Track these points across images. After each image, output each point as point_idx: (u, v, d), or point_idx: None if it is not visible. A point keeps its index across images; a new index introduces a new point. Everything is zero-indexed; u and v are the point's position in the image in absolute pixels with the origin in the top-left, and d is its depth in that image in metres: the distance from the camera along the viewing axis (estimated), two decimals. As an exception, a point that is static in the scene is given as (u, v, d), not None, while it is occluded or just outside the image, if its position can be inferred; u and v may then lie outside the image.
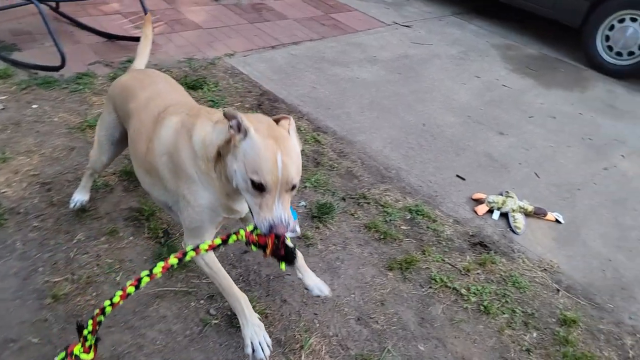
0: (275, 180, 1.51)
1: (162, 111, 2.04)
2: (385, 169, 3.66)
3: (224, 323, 2.29)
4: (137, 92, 2.25)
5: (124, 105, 2.30)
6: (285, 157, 1.53)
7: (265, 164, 1.52)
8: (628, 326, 2.75)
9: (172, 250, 2.53)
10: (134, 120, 2.18)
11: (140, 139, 2.08)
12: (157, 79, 2.39)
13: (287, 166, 1.53)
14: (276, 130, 1.60)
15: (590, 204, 3.57)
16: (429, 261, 2.92)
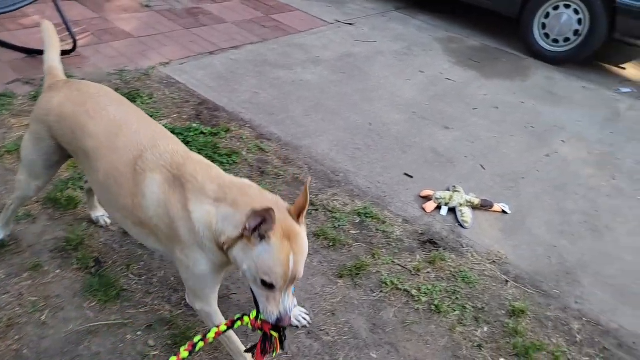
0: (284, 280, 1.55)
1: (137, 157, 1.83)
2: (333, 173, 3.65)
3: (164, 354, 2.19)
4: (87, 125, 1.95)
5: (72, 141, 2.02)
6: (297, 256, 1.55)
7: (278, 268, 1.53)
8: (574, 310, 2.85)
9: (104, 281, 2.41)
10: (102, 163, 1.91)
11: (121, 190, 1.86)
12: (103, 101, 2.06)
13: (298, 265, 1.57)
14: (290, 226, 1.56)
15: (534, 192, 3.69)
16: (379, 264, 2.92)
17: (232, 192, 1.65)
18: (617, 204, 3.62)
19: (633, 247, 3.28)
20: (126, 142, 1.88)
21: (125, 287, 2.46)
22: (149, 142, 1.88)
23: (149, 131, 1.97)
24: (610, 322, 2.81)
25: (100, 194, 2.10)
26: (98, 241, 2.66)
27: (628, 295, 2.97)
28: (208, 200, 1.65)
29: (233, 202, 1.61)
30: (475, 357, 2.49)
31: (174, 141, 1.97)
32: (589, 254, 3.21)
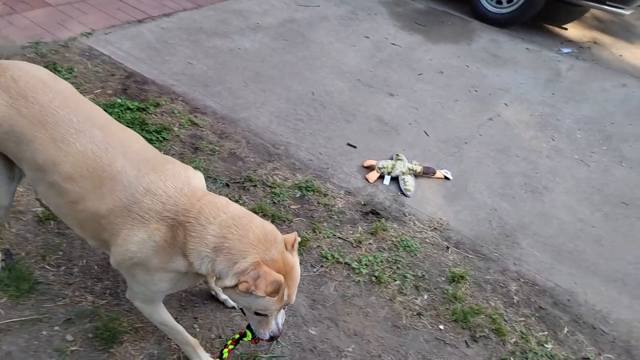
0: (278, 309, 1.63)
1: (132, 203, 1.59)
2: (273, 146, 3.53)
3: (84, 348, 2.08)
4: (60, 163, 1.62)
5: (16, 153, 1.72)
6: (290, 289, 1.59)
7: (272, 307, 1.59)
8: (513, 272, 2.93)
9: (16, 274, 2.24)
10: (80, 204, 1.66)
11: (100, 227, 1.66)
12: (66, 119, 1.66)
13: (291, 296, 1.62)
14: (284, 261, 1.57)
15: (477, 156, 3.73)
16: (320, 239, 2.88)
17: (232, 235, 1.53)
18: (555, 164, 3.71)
19: (569, 206, 3.38)
20: (112, 187, 1.62)
21: (41, 280, 2.30)
22: (140, 183, 1.62)
23: (134, 165, 1.66)
24: (547, 281, 2.91)
25: (73, 225, 1.81)
26: (9, 231, 2.46)
27: (564, 253, 3.07)
28: (207, 250, 1.55)
29: (230, 253, 1.52)
30: (415, 325, 2.52)
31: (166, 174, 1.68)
32: (528, 216, 3.29)
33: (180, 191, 1.64)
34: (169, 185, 1.65)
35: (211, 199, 1.66)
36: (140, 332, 2.20)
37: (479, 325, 2.56)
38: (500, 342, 2.51)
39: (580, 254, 3.08)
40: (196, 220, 1.57)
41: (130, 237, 1.60)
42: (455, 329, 2.54)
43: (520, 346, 2.50)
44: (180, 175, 1.70)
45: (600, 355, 2.53)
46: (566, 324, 2.67)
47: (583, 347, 2.56)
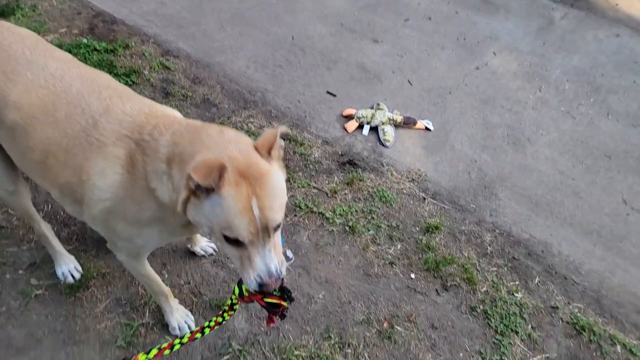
0: (254, 232, 1.28)
1: (90, 126, 1.50)
2: (249, 93, 3.46)
3: (49, 292, 2.11)
4: (8, 94, 1.55)
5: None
6: (262, 199, 1.27)
7: (237, 220, 1.26)
8: (488, 223, 2.98)
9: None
10: (37, 139, 1.56)
11: (65, 168, 1.55)
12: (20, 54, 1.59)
13: (266, 211, 1.28)
14: (250, 166, 1.28)
15: (460, 107, 3.69)
16: (294, 188, 2.88)
17: (183, 140, 1.38)
18: (540, 116, 3.69)
19: (551, 159, 3.40)
20: (69, 111, 1.52)
21: (4, 224, 2.30)
22: (99, 105, 1.53)
23: (94, 89, 1.58)
24: (522, 232, 2.97)
25: (32, 172, 1.72)
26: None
27: (541, 205, 3.12)
28: (162, 165, 1.40)
29: (181, 159, 1.35)
30: (386, 274, 2.57)
31: (130, 97, 1.61)
32: (508, 167, 3.31)
33: (140, 110, 1.53)
34: (129, 106, 1.54)
35: (169, 114, 1.55)
36: (107, 277, 2.22)
37: (450, 274, 2.62)
38: (471, 291, 2.58)
39: (557, 206, 3.12)
40: (150, 136, 1.44)
41: (91, 168, 1.49)
42: (427, 277, 2.60)
43: (490, 295, 2.58)
44: (145, 101, 1.61)
45: (569, 305, 2.62)
46: (538, 274, 2.75)
47: (553, 297, 2.65)
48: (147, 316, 2.13)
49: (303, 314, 2.31)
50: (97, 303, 2.12)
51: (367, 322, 2.33)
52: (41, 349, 1.94)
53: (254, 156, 1.32)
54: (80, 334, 2.01)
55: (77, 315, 2.07)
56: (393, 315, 2.38)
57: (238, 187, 1.25)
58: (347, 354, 2.18)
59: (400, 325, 2.35)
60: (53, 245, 2.12)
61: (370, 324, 2.33)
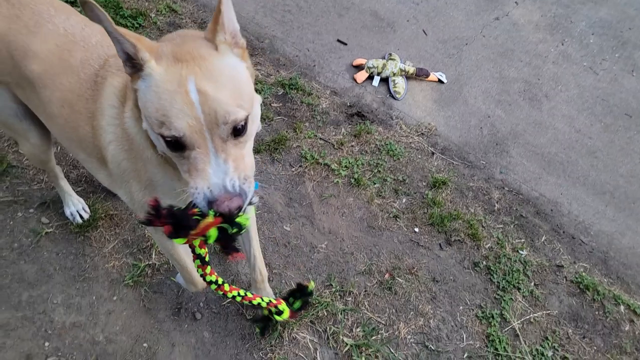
0: (193, 124, 1.07)
1: (100, 68, 1.50)
2: (257, 39, 3.46)
3: (59, 231, 2.24)
4: (29, 45, 1.57)
5: (11, 69, 1.64)
6: (202, 82, 1.07)
7: (169, 104, 1.07)
8: (497, 180, 3.03)
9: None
10: (53, 89, 1.57)
11: (79, 116, 1.54)
12: (44, 11, 1.63)
13: (209, 95, 1.07)
14: (190, 48, 1.12)
15: (476, 59, 3.66)
16: (300, 139, 2.94)
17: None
18: (561, 71, 3.65)
19: (568, 116, 3.39)
20: (85, 56, 1.54)
21: (15, 164, 2.41)
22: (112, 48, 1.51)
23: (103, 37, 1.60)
24: (532, 190, 3.01)
25: (58, 131, 1.71)
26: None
27: (554, 164, 3.15)
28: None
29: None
30: (390, 227, 2.67)
31: None
32: (522, 124, 3.32)
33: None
34: None
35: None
36: (115, 219, 2.35)
37: (455, 230, 2.71)
38: (475, 247, 2.67)
39: (571, 165, 3.15)
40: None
41: (97, 109, 1.47)
42: (431, 232, 2.69)
43: (494, 251, 2.67)
44: None
45: (575, 264, 2.70)
46: (545, 232, 2.82)
47: (559, 256, 2.73)
48: (153, 257, 2.26)
49: (305, 262, 2.42)
50: (105, 243, 2.26)
51: (369, 273, 2.44)
52: (52, 283, 2.09)
53: (198, 42, 1.16)
54: (90, 272, 2.15)
55: (87, 254, 2.21)
56: (395, 267, 2.49)
57: (170, 66, 1.10)
58: (347, 302, 2.30)
59: (402, 277, 2.46)
60: (62, 186, 2.23)
61: (371, 274, 2.44)
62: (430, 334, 2.27)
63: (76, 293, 2.08)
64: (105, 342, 1.95)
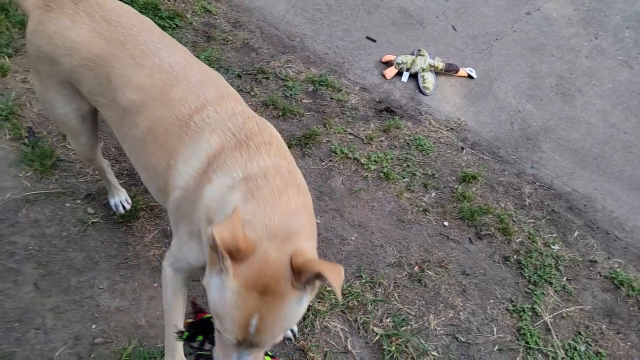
0: (241, 340, 1.18)
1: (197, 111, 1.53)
2: (288, 38, 3.52)
3: (104, 221, 2.35)
4: (133, 76, 1.61)
5: (104, 92, 1.67)
6: (263, 321, 1.14)
7: (228, 323, 1.16)
8: (529, 175, 3.00)
9: (39, 151, 2.47)
10: (145, 117, 1.60)
11: (159, 148, 1.58)
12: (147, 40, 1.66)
13: (262, 334, 1.16)
14: (271, 281, 1.13)
15: (507, 54, 3.62)
16: (330, 134, 2.98)
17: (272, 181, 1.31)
18: (595, 65, 3.58)
19: (602, 111, 3.32)
20: (184, 94, 1.57)
21: (63, 158, 2.53)
22: (215, 96, 1.57)
23: (213, 85, 1.62)
24: (565, 186, 2.97)
25: (130, 148, 1.77)
26: (31, 111, 2.67)
27: (588, 159, 3.09)
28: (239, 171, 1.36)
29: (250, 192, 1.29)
30: (419, 220, 2.68)
31: (243, 104, 1.64)
32: (554, 119, 3.27)
33: (251, 117, 1.55)
34: (240, 108, 1.57)
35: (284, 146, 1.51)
36: (155, 210, 2.44)
37: (485, 224, 2.70)
38: (505, 241, 2.66)
39: (605, 160, 3.09)
40: (257, 148, 1.41)
41: (181, 152, 1.50)
42: (461, 226, 2.69)
43: (525, 245, 2.65)
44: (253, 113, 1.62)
45: (609, 259, 2.66)
46: (578, 228, 2.78)
47: (592, 251, 2.69)
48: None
49: (336, 253, 2.47)
50: (146, 233, 2.36)
51: (398, 265, 2.47)
52: (98, 270, 2.20)
53: (283, 270, 1.15)
54: (132, 260, 2.25)
55: (129, 243, 2.31)
56: (424, 260, 2.50)
57: (247, 292, 1.13)
58: (377, 293, 2.34)
59: (431, 269, 2.47)
60: (108, 179, 2.34)
61: (401, 266, 2.46)
62: (460, 326, 2.28)
63: (120, 279, 2.18)
64: (147, 326, 2.05)
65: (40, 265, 2.14)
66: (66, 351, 1.91)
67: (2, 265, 2.10)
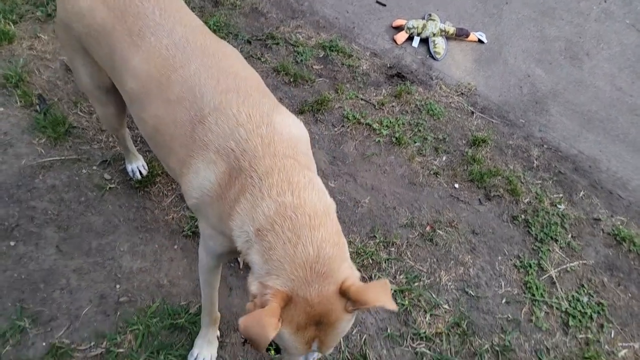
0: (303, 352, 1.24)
1: (197, 121, 1.36)
2: (297, 2, 3.43)
3: (121, 187, 2.34)
4: (129, 59, 1.47)
5: (110, 65, 1.57)
6: (323, 342, 1.20)
7: (292, 349, 1.21)
8: (537, 139, 2.97)
9: (52, 118, 2.43)
10: (149, 113, 1.47)
11: (171, 153, 1.46)
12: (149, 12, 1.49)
13: (323, 348, 1.23)
14: (322, 315, 1.15)
15: (517, 18, 3.54)
16: (342, 100, 2.94)
17: (280, 235, 1.19)
18: (603, 29, 3.50)
19: (609, 74, 3.27)
20: (181, 94, 1.39)
21: (75, 125, 2.50)
22: (212, 97, 1.37)
23: (213, 74, 1.41)
24: (571, 148, 2.95)
25: (149, 142, 1.65)
26: (40, 78, 2.62)
27: (594, 121, 3.06)
28: (250, 228, 1.23)
29: (269, 253, 1.19)
30: (431, 183, 2.67)
31: (247, 96, 1.40)
32: (563, 83, 3.22)
33: (256, 128, 1.33)
34: (244, 112, 1.35)
35: (291, 165, 1.29)
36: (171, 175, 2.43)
37: (494, 185, 2.69)
38: (514, 201, 2.66)
39: (611, 123, 3.06)
40: (260, 181, 1.25)
41: (191, 165, 1.37)
42: (471, 188, 2.69)
43: (533, 205, 2.65)
44: (264, 107, 1.38)
45: (612, 217, 2.67)
46: (583, 188, 2.77)
47: (596, 210, 2.69)
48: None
49: (350, 215, 2.47)
50: (163, 197, 2.34)
51: (411, 226, 2.47)
52: (118, 233, 2.19)
53: (332, 303, 1.16)
54: (151, 223, 2.25)
55: (147, 207, 2.30)
56: (435, 221, 2.51)
57: (300, 330, 1.16)
58: (390, 252, 2.35)
59: (442, 229, 2.48)
60: (127, 146, 2.30)
61: (413, 227, 2.47)
62: (469, 281, 2.30)
63: (140, 242, 2.18)
64: (169, 285, 2.06)
65: (61, 229, 2.14)
66: (92, 309, 1.92)
67: (24, 229, 2.10)
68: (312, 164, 1.47)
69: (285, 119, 1.41)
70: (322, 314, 1.14)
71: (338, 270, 1.17)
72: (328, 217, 1.24)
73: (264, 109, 1.37)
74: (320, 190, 1.29)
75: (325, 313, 1.14)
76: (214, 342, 1.89)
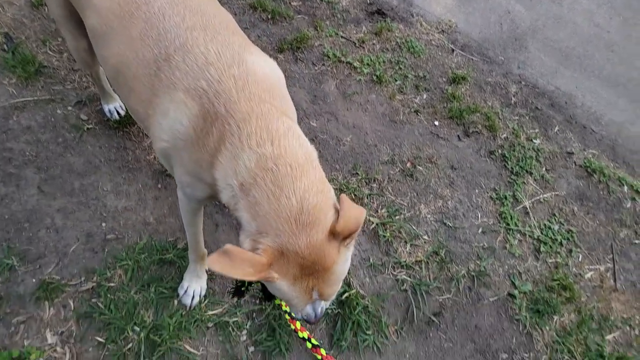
0: (309, 303, 1.25)
1: (162, 60, 1.27)
2: (273, -64, 3.24)
3: (99, 127, 2.27)
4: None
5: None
6: (323, 289, 1.20)
7: (294, 301, 1.22)
8: (515, 75, 2.97)
9: (20, 58, 2.31)
10: (110, 51, 1.38)
11: (133, 94, 1.38)
12: None
13: (324, 295, 1.22)
14: (315, 262, 1.14)
15: (498, -47, 3.43)
16: (322, 37, 2.86)
17: (264, 189, 1.14)
18: (584, -36, 3.44)
19: (588, 10, 3.25)
20: (144, 32, 1.30)
21: (46, 64, 2.38)
22: (178, 35, 1.28)
23: (179, 11, 1.33)
24: (548, 84, 2.97)
25: (112, 82, 1.57)
26: (5, 15, 2.46)
27: (571, 58, 3.07)
28: (234, 182, 1.18)
29: (255, 209, 1.15)
30: (411, 121, 2.67)
31: (216, 34, 1.31)
32: (542, 19, 3.19)
33: (228, 67, 1.24)
34: (213, 49, 1.26)
35: (268, 111, 1.21)
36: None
37: (473, 122, 2.71)
38: (491, 137, 2.69)
39: (587, 59, 3.07)
40: (238, 129, 1.18)
41: (157, 105, 1.29)
42: (450, 125, 2.70)
43: (509, 141, 2.69)
44: (234, 45, 1.29)
45: (584, 151, 2.73)
46: (558, 123, 2.82)
47: (570, 144, 2.75)
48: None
49: (332, 153, 2.47)
50: (144, 137, 2.29)
51: (392, 162, 2.49)
52: (100, 174, 2.15)
53: (324, 249, 1.14)
54: (133, 163, 2.21)
55: (128, 148, 2.25)
56: (416, 157, 2.53)
57: (297, 281, 1.16)
58: (372, 188, 2.38)
59: (422, 165, 2.51)
60: (102, 86, 2.21)
61: (394, 163, 2.49)
62: (448, 213, 2.36)
63: (123, 182, 2.15)
64: (156, 223, 2.06)
65: (41, 170, 2.08)
66: (80, 247, 1.92)
67: (2, 170, 2.04)
68: (289, 107, 1.39)
69: (258, 59, 1.33)
70: (316, 262, 1.14)
71: (325, 218, 1.14)
72: (310, 164, 1.19)
73: (234, 48, 1.29)
74: (300, 137, 1.23)
75: (318, 261, 1.14)
76: (202, 276, 1.92)
